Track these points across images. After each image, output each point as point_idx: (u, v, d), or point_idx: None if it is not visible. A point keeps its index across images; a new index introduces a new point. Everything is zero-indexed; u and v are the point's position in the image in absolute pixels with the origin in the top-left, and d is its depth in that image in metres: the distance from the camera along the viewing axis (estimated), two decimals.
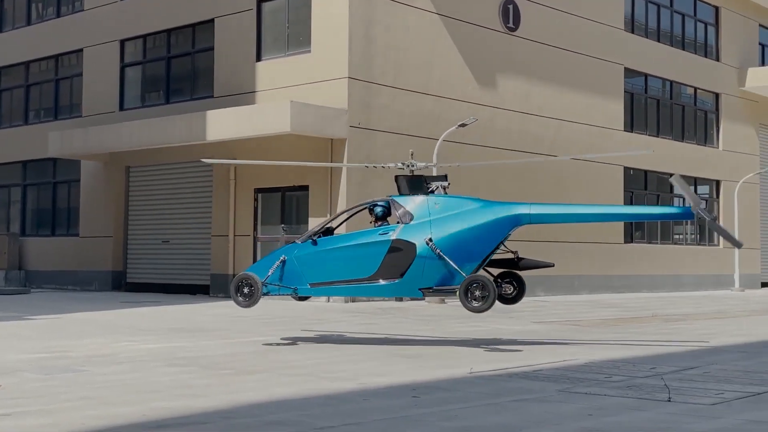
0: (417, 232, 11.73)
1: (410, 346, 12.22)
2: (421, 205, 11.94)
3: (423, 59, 22.58)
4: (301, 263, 11.96)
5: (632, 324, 16.47)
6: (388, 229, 11.91)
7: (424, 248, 11.61)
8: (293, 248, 12.15)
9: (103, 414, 6.84)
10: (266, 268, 12.04)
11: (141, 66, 26.31)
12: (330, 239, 12.17)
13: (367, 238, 11.96)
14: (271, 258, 12.26)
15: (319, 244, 12.01)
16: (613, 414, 6.98)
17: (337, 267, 11.91)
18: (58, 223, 28.58)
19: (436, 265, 11.65)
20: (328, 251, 11.98)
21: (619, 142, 28.23)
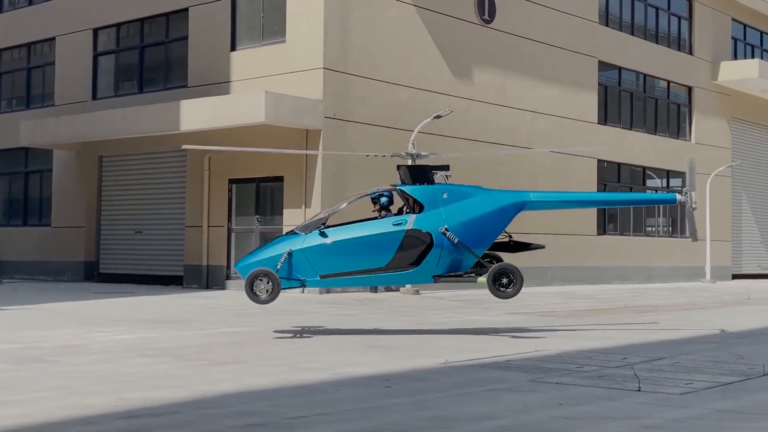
0: (431, 222, 12.00)
1: (385, 336, 12.25)
2: (430, 194, 12.17)
3: (399, 51, 22.57)
4: (311, 255, 11.78)
5: (604, 315, 16.59)
6: (401, 219, 12.04)
7: (440, 237, 11.94)
8: (298, 239, 11.88)
9: (74, 404, 6.81)
10: (272, 260, 11.71)
11: (114, 55, 26.09)
12: (341, 230, 12.01)
13: (381, 228, 12.00)
14: (272, 249, 11.95)
15: (330, 235, 11.87)
16: (584, 403, 7.04)
17: (351, 257, 11.88)
18: (30, 213, 28.33)
19: (450, 253, 12.05)
20: (340, 242, 11.86)
21: (593, 135, 28.38)
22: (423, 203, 12.09)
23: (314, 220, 12.29)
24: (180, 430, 5.92)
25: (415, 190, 12.21)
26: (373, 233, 11.98)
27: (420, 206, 12.08)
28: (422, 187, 12.27)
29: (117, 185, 25.54)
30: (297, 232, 12.10)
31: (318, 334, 12.31)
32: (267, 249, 12.10)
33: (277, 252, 11.83)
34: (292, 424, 6.13)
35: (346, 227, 12.14)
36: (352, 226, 12.20)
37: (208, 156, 22.88)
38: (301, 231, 12.06)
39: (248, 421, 6.22)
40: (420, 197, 12.14)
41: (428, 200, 12.11)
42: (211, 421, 6.20)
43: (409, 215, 12.05)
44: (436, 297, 20.07)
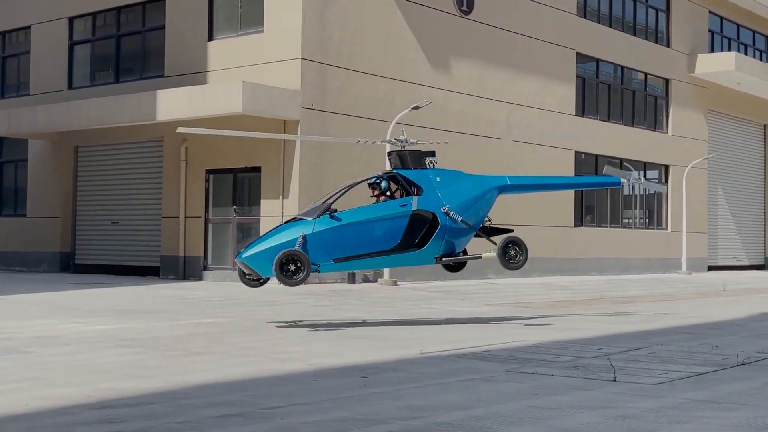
0: (432, 202, 12.43)
1: (362, 327, 12.25)
2: (426, 177, 12.61)
3: (377, 41, 22.52)
4: (325, 239, 11.80)
5: (581, 306, 16.68)
6: (405, 200, 12.33)
7: (443, 217, 12.40)
8: (307, 225, 11.81)
9: (48, 395, 6.76)
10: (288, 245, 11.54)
11: (90, 44, 25.86)
12: (350, 213, 12.12)
13: (389, 210, 12.25)
14: (283, 235, 11.75)
15: (342, 219, 11.96)
16: (559, 393, 7.07)
17: (363, 240, 12.07)
18: (4, 203, 28.07)
19: (452, 232, 12.54)
20: (352, 225, 12.01)
21: (571, 127, 28.47)
22: (421, 186, 12.49)
23: (319, 206, 12.21)
24: (155, 420, 5.89)
25: (412, 174, 12.59)
26: (383, 215, 12.25)
27: (418, 189, 12.46)
28: (418, 170, 12.67)
29: (93, 175, 25.35)
30: (302, 218, 12.02)
31: (294, 325, 12.29)
32: (277, 235, 11.87)
33: (290, 237, 11.70)
34: (268, 414, 6.11)
35: (355, 211, 12.25)
36: (360, 210, 12.30)
37: (185, 146, 22.75)
38: (307, 216, 11.99)
39: (224, 411, 6.20)
40: (418, 180, 12.53)
41: (425, 183, 12.54)
42: (186, 412, 6.18)
43: (411, 197, 12.37)
44: (414, 288, 20.09)
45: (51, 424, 5.76)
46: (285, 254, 11.36)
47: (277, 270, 11.31)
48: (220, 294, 17.62)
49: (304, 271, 11.41)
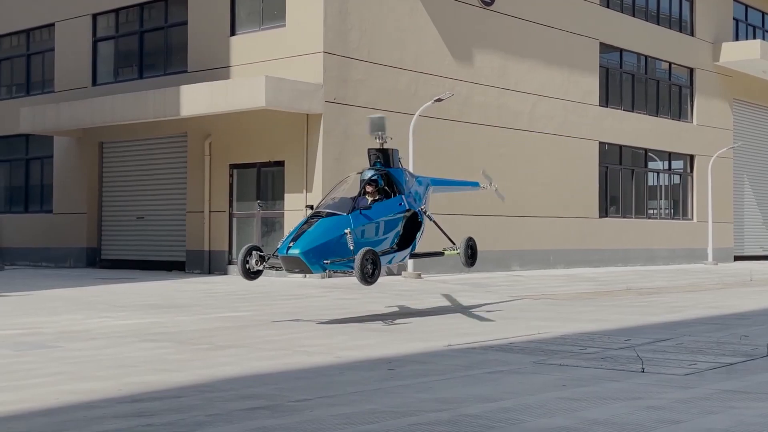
0: (414, 202, 12.68)
1: (387, 320, 12.24)
2: (405, 177, 12.78)
3: (399, 34, 22.47)
4: (360, 236, 11.75)
5: (607, 297, 16.59)
6: (399, 199, 12.46)
7: (422, 216, 12.76)
8: (345, 221, 11.63)
9: (76, 389, 6.81)
10: (337, 242, 11.40)
11: (114, 40, 25.99)
12: (373, 211, 12.05)
13: (394, 209, 12.37)
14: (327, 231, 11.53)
15: (368, 216, 11.93)
16: (587, 384, 7.03)
17: (380, 238, 12.19)
18: (31, 200, 28.30)
19: (421, 232, 12.87)
20: (377, 224, 12.10)
21: (595, 117, 28.31)
22: (403, 185, 12.61)
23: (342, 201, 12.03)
24: (184, 413, 5.91)
25: (396, 173, 12.69)
26: (393, 214, 12.33)
27: (402, 188, 12.56)
28: (399, 170, 12.83)
29: (118, 171, 25.51)
30: (334, 212, 11.74)
31: (319, 318, 12.30)
32: (323, 230, 11.53)
33: (338, 233, 11.52)
34: (296, 407, 6.12)
35: (374, 209, 12.15)
36: (376, 208, 12.22)
37: (209, 141, 22.84)
38: (338, 211, 11.76)
39: (252, 404, 6.22)
40: (400, 179, 12.64)
41: (405, 183, 12.71)
42: (215, 405, 6.20)
43: (401, 196, 12.47)
44: (438, 280, 20.06)
45: (82, 417, 5.80)
46: (367, 253, 11.04)
47: (361, 270, 10.94)
48: (245, 288, 17.68)
49: (378, 270, 11.23)
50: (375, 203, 12.28)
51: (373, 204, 12.24)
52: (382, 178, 12.57)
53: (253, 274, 11.65)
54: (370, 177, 12.49)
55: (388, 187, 12.55)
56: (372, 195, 12.38)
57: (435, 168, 22.05)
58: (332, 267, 11.63)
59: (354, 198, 12.16)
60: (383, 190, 12.51)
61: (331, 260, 11.45)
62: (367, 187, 12.37)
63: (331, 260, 11.44)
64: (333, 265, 11.58)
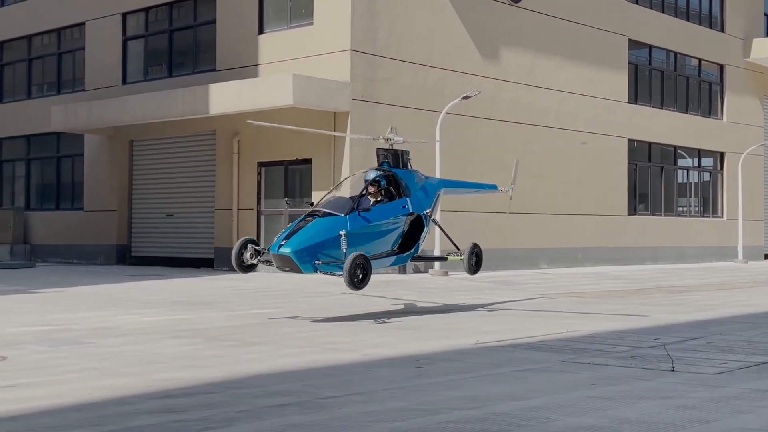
0: (419, 205, 12.50)
1: (414, 317, 12.25)
2: (411, 179, 12.62)
3: (426, 31, 22.45)
4: (357, 238, 11.55)
5: (636, 296, 16.49)
6: (403, 202, 12.29)
7: (426, 220, 12.57)
8: (342, 221, 11.46)
9: (108, 385, 6.88)
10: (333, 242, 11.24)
11: (143, 39, 26.18)
12: (373, 213, 11.88)
13: (396, 212, 12.19)
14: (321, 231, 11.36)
15: (367, 218, 11.76)
16: (617, 383, 7.00)
17: (379, 241, 12.01)
18: (62, 198, 28.59)
19: (426, 235, 12.78)
20: (375, 226, 11.88)
21: (624, 114, 28.12)
22: (409, 187, 12.46)
23: (341, 201, 11.94)
24: (214, 410, 5.96)
25: (403, 174, 12.53)
26: (394, 217, 12.16)
27: (408, 190, 12.42)
28: (407, 171, 12.68)
29: (148, 169, 25.71)
30: (331, 212, 11.62)
31: (346, 315, 12.33)
32: (317, 230, 11.37)
33: (333, 234, 11.32)
34: (325, 404, 6.15)
35: (374, 211, 11.97)
36: (376, 210, 12.03)
37: (237, 139, 22.95)
38: (336, 212, 11.62)
39: (281, 401, 6.25)
40: (407, 181, 12.49)
41: (412, 185, 12.55)
42: (244, 401, 6.24)
43: (405, 199, 12.33)
44: (466, 278, 20.03)
45: (114, 413, 5.86)
46: (357, 258, 10.88)
47: (350, 274, 10.79)
48: (272, 285, 17.76)
49: (369, 277, 11.10)
50: (377, 205, 12.09)
51: (374, 206, 12.05)
52: (387, 180, 12.35)
53: (247, 268, 11.58)
54: (373, 178, 12.30)
55: (393, 189, 12.34)
56: (375, 196, 12.17)
57: (461, 166, 22.04)
58: (323, 268, 11.36)
59: (354, 198, 11.96)
60: (388, 191, 12.31)
61: (323, 261, 11.25)
62: (370, 188, 12.20)
63: (322, 261, 11.24)
64: (324, 266, 11.33)
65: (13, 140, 29.89)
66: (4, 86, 30.53)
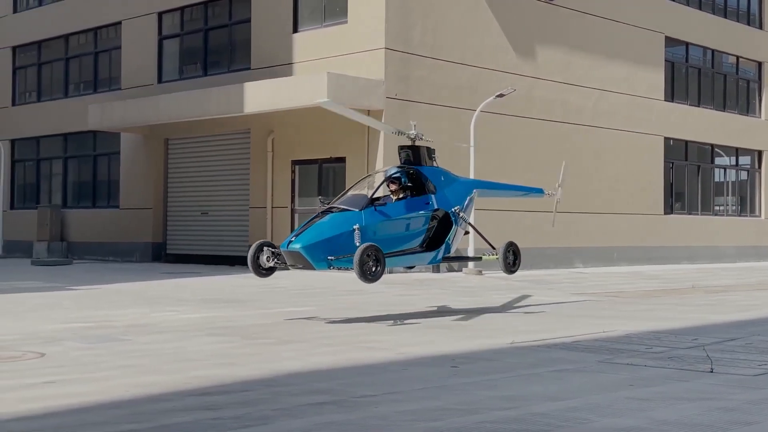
0: (446, 202, 12.23)
1: (449, 316, 12.22)
2: (437, 176, 12.35)
3: (461, 29, 22.38)
4: (371, 233, 11.27)
5: (672, 295, 16.32)
6: (427, 198, 12.05)
7: (455, 218, 12.25)
8: (357, 216, 11.22)
9: (145, 382, 6.92)
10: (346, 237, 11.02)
11: (179, 38, 26.36)
12: (391, 208, 11.70)
13: (418, 208, 11.94)
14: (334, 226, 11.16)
15: (385, 214, 11.51)
16: (655, 384, 6.93)
17: (397, 237, 11.73)
18: (98, 195, 28.87)
19: (458, 234, 12.45)
20: (394, 221, 11.61)
21: (660, 112, 27.86)
22: (435, 184, 12.19)
23: (358, 197, 11.76)
24: (251, 407, 5.97)
25: (428, 171, 12.25)
26: (415, 213, 11.91)
27: (433, 187, 12.15)
28: (432, 168, 12.42)
29: (183, 167, 25.89)
30: (347, 208, 11.40)
31: (381, 314, 12.33)
32: (330, 225, 11.20)
33: (346, 228, 11.10)
34: (361, 403, 6.14)
35: (392, 206, 11.79)
36: (397, 205, 11.86)
37: (272, 137, 23.04)
38: (352, 207, 11.41)
39: (318, 399, 6.25)
40: (432, 178, 12.21)
41: (437, 182, 12.27)
42: (280, 399, 6.25)
43: (430, 195, 12.07)
44: (500, 277, 19.94)
45: (151, 410, 5.89)
46: (368, 248, 10.64)
47: (360, 266, 10.55)
48: (307, 283, 17.80)
49: (381, 268, 10.78)
50: (398, 201, 11.93)
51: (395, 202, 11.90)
52: (410, 176, 12.17)
53: (265, 271, 11.30)
54: (393, 174, 12.16)
55: (417, 186, 12.13)
56: (396, 193, 12.01)
57: (496, 164, 21.95)
58: (337, 263, 11.08)
59: (371, 194, 11.78)
60: (410, 188, 12.10)
61: (337, 256, 10.97)
62: (391, 185, 12.05)
63: (336, 256, 10.97)
64: (338, 262, 11.04)
65: (50, 139, 30.24)
66: (42, 85, 30.90)
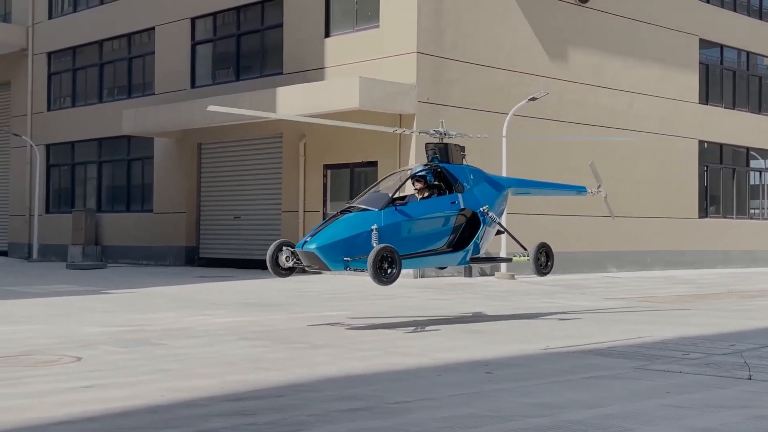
0: (474, 201, 11.86)
1: (482, 322, 12.17)
2: (465, 174, 11.98)
3: (492, 33, 22.33)
4: (391, 233, 10.96)
5: (707, 300, 16.15)
6: (453, 197, 11.71)
7: (484, 217, 11.87)
8: (376, 216, 10.93)
9: (181, 386, 6.97)
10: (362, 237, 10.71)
11: (211, 44, 26.54)
12: (412, 207, 11.40)
13: (443, 207, 11.62)
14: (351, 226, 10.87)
15: (407, 213, 11.21)
16: (692, 391, 6.85)
17: (422, 237, 11.41)
18: (132, 200, 29.13)
19: (487, 234, 12.06)
20: (415, 221, 11.28)
21: (695, 115, 27.60)
22: (462, 183, 11.83)
23: (378, 196, 11.45)
24: (285, 413, 5.99)
25: (454, 169, 11.90)
26: (439, 212, 11.58)
27: (460, 186, 11.78)
28: (459, 166, 12.05)
29: (216, 171, 26.05)
30: (367, 208, 11.12)
31: (413, 318, 12.31)
32: (347, 225, 10.89)
33: (363, 229, 10.78)
34: (395, 409, 6.13)
35: (413, 205, 11.49)
36: (419, 204, 11.55)
37: (304, 142, 23.11)
38: (371, 207, 11.07)
39: (351, 405, 6.26)
40: (459, 177, 11.85)
41: (465, 180, 11.90)
42: (314, 405, 6.26)
43: (457, 195, 11.71)
44: (533, 282, 19.85)
45: (187, 415, 5.93)
46: (383, 250, 10.34)
47: (374, 267, 10.25)
48: (339, 287, 17.83)
49: (396, 270, 10.48)
50: (421, 200, 11.64)
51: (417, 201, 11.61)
52: (435, 175, 11.86)
53: (285, 271, 11.05)
54: (417, 172, 11.85)
55: (444, 184, 11.82)
56: (421, 192, 11.73)
57: (528, 167, 21.84)
58: (354, 265, 10.72)
59: (392, 193, 11.40)
60: (437, 186, 11.82)
61: (353, 257, 10.65)
62: (416, 184, 11.78)
63: (352, 257, 10.65)
64: (355, 263, 10.69)
65: (85, 143, 30.56)
66: (76, 91, 31.24)
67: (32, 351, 8.87)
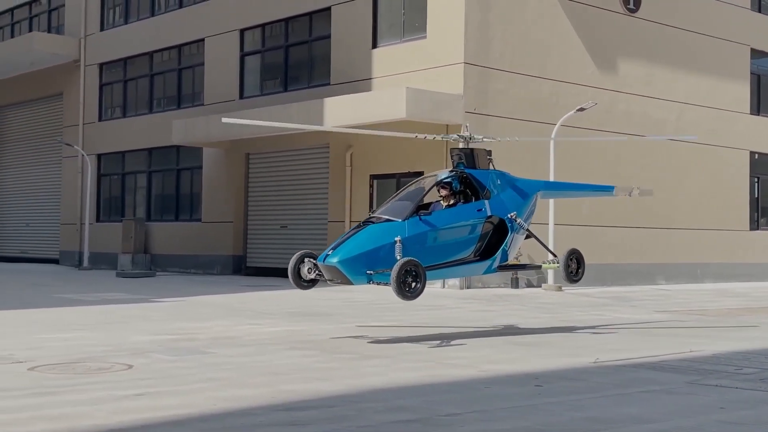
0: (501, 208, 11.52)
1: (530, 333, 12.10)
2: (491, 180, 11.64)
3: (540, 43, 22.23)
4: (416, 244, 10.61)
5: (760, 314, 15.87)
6: (479, 204, 11.39)
7: (512, 224, 11.53)
8: (400, 227, 10.62)
9: (232, 396, 7.02)
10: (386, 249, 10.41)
11: (260, 55, 26.77)
12: (437, 216, 11.11)
13: (469, 216, 11.29)
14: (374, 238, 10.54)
15: (430, 223, 10.90)
16: (747, 407, 6.75)
17: (446, 247, 11.08)
18: (181, 209, 29.45)
19: (515, 241, 11.71)
20: (440, 231, 10.97)
21: (746, 125, 27.19)
22: (489, 189, 11.49)
23: (402, 205, 11.13)
24: (337, 424, 6.01)
25: (480, 175, 11.56)
26: (465, 221, 11.25)
27: (487, 192, 11.46)
28: (485, 171, 11.67)
29: (263, 181, 26.25)
30: (390, 218, 10.83)
31: (461, 330, 12.27)
32: (369, 237, 10.57)
33: (387, 240, 10.46)
34: (446, 422, 6.12)
35: (438, 214, 11.20)
36: (443, 213, 11.26)
37: (351, 152, 23.20)
38: (395, 217, 10.77)
39: (402, 416, 6.26)
40: (486, 182, 11.51)
41: (492, 186, 11.56)
42: (366, 416, 6.27)
43: (483, 201, 11.38)
44: (580, 293, 19.69)
45: (238, 425, 5.97)
46: (406, 264, 10.04)
47: (397, 282, 9.97)
48: (385, 297, 17.82)
49: (420, 284, 10.17)
50: (447, 209, 11.35)
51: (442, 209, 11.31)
52: (461, 181, 11.57)
53: (307, 283, 10.80)
54: (443, 179, 11.52)
55: (470, 191, 11.54)
56: (447, 199, 11.45)
57: (573, 175, 21.67)
58: (378, 278, 10.41)
59: (417, 202, 11.09)
60: (463, 193, 11.54)
61: (376, 270, 10.33)
62: (441, 191, 11.48)
63: (375, 270, 10.33)
64: (379, 276, 10.36)
65: (135, 153, 30.97)
66: (127, 101, 31.70)
67: (84, 358, 9.00)
